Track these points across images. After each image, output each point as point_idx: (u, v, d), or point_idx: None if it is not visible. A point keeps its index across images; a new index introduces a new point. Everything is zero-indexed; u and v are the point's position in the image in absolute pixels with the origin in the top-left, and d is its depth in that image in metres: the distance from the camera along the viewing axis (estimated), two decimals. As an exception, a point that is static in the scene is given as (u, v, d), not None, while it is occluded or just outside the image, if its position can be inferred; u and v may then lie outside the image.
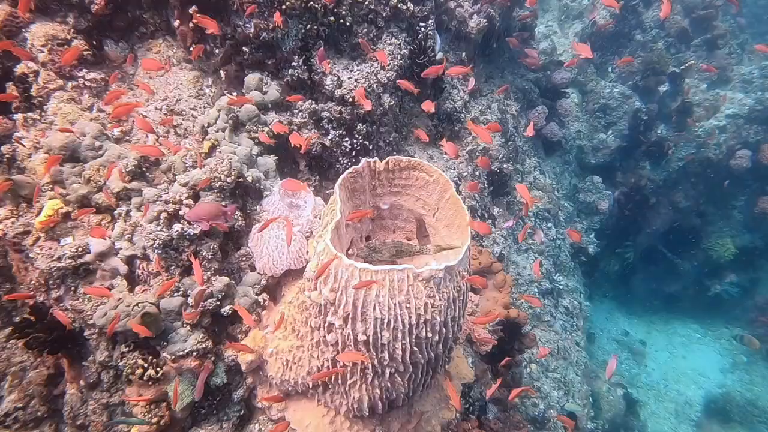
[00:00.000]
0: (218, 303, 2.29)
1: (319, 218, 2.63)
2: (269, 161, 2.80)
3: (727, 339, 9.86)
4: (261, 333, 2.41)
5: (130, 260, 2.25)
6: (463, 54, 4.17)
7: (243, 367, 2.31)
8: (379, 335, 2.02)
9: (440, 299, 2.09)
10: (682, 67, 6.76)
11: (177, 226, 2.18)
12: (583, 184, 6.87)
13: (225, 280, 2.31)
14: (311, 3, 2.88)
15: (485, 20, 4.27)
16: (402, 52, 3.31)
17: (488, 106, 4.58)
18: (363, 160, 2.27)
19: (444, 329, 2.19)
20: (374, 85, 3.22)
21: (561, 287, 5.56)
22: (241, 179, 2.49)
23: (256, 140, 2.80)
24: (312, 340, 2.24)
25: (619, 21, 6.97)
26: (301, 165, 3.18)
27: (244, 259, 2.52)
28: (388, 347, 2.08)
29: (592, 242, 6.68)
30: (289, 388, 2.36)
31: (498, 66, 5.35)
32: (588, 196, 6.77)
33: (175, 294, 2.21)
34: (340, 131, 3.18)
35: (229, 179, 2.40)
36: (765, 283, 9.73)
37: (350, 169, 2.24)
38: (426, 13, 3.40)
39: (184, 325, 2.20)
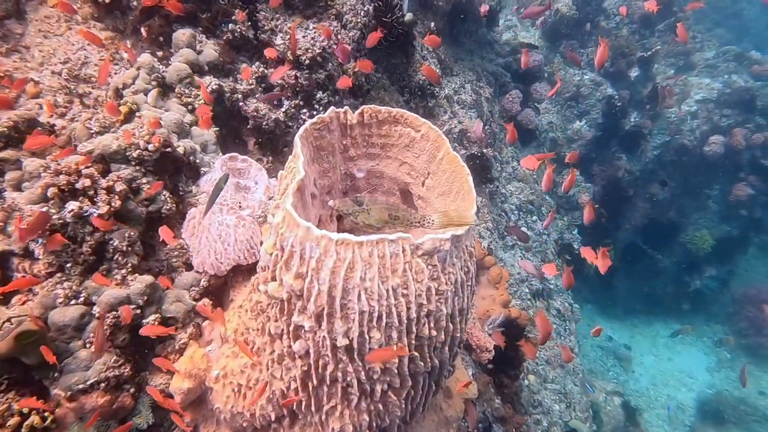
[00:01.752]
0: (138, 312, 1.68)
1: (274, 200, 2.09)
2: (208, 133, 2.24)
3: (709, 337, 9.81)
4: (202, 351, 1.81)
5: (2, 259, 1.62)
6: (432, 24, 3.76)
7: (177, 399, 1.70)
8: (366, 337, 1.48)
9: (446, 282, 1.57)
10: (649, 52, 6.66)
11: (72, 205, 1.58)
12: (561, 178, 6.59)
13: (147, 279, 1.71)
14: (252, -62, 2.39)
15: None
16: (365, 8, 2.84)
17: (461, 85, 4.18)
18: (331, 109, 1.75)
19: (451, 325, 1.67)
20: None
21: (551, 287, 5.16)
22: (168, 149, 1.91)
23: (190, 107, 2.24)
24: (272, 353, 1.67)
25: (580, 7, 6.83)
26: (249, 143, 2.64)
27: (176, 254, 1.93)
28: (380, 353, 1.54)
29: (576, 238, 6.37)
30: (244, 424, 1.77)
31: (466, 48, 5.00)
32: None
33: (72, 302, 1.59)
34: (296, 101, 2.66)
35: (150, 147, 1.82)
36: (741, 275, 9.78)
37: (314, 119, 1.72)
38: (391, -37, 2.96)
39: (87, 346, 1.58)
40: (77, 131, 1.84)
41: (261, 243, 2.00)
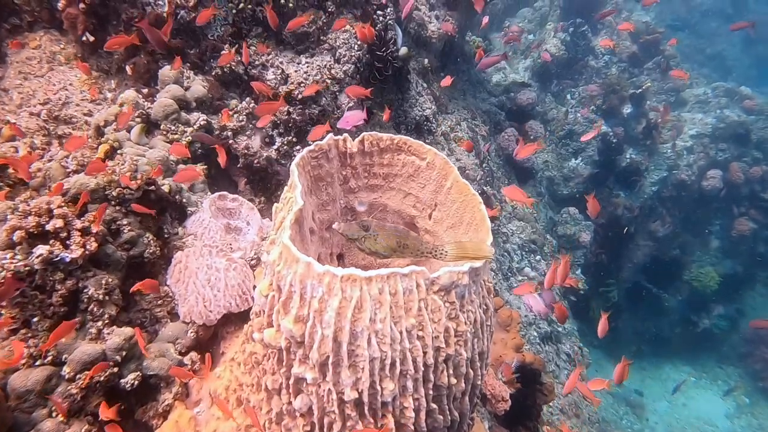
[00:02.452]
0: (116, 370, 1.49)
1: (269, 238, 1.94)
2: (197, 170, 2.11)
3: (724, 380, 9.49)
4: (189, 413, 1.60)
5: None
6: (426, 61, 3.75)
7: (159, 473, 1.48)
8: (378, 388, 1.30)
9: (466, 322, 1.41)
10: (640, 90, 6.75)
11: (41, 249, 1.41)
12: (560, 217, 6.50)
13: (126, 332, 1.52)
14: (242, -26, 2.35)
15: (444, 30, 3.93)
16: (359, 43, 2.80)
17: (457, 122, 4.14)
18: (329, 136, 1.64)
19: (471, 371, 1.50)
20: (328, 81, 2.67)
21: (560, 330, 4.96)
22: (152, 187, 1.77)
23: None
24: (270, 412, 1.47)
25: (570, 47, 6.98)
26: (240, 183, 2.51)
27: (160, 302, 1.75)
28: (393, 407, 1.36)
29: (580, 278, 6.21)
30: (238, 498, 1.54)
31: (459, 88, 5.01)
32: (567, 228, 6.38)
33: (37, 363, 1.40)
34: (289, 137, 2.56)
35: (132, 184, 1.68)
36: (750, 313, 9.59)
37: (311, 146, 1.60)
38: (383, 0, 2.95)
39: (54, 415, 1.37)
40: (53, 170, 1.70)
41: (254, 288, 1.84)
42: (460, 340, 1.41)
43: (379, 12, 2.94)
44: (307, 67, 2.62)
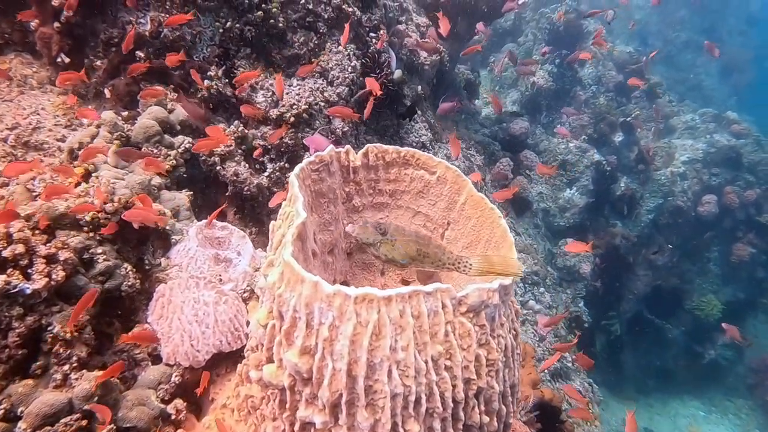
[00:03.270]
0: (85, 423, 1.26)
1: (265, 263, 1.76)
2: (180, 197, 1.94)
3: (734, 413, 9.21)
4: (173, 473, 1.37)
5: None
6: (419, 88, 3.67)
7: None
8: (400, 431, 1.10)
9: (497, 349, 1.23)
10: (630, 117, 6.80)
11: (-2, 280, 1.21)
12: (559, 249, 6.37)
13: (93, 377, 1.30)
14: (230, -9, 2.26)
15: (436, 54, 3.88)
16: (352, 64, 2.70)
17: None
18: (330, 148, 1.48)
19: (503, 406, 1.30)
20: (321, 104, 2.55)
21: (569, 366, 4.73)
22: (130, 212, 1.59)
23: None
24: (270, 468, 1.25)
25: (557, 79, 7.05)
26: (229, 213, 2.33)
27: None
28: (419, 454, 1.15)
29: (583, 311, 6.03)
30: None
31: (451, 119, 4.96)
32: (567, 260, 6.24)
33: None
34: (281, 163, 2.41)
35: (108, 207, 1.50)
36: (758, 342, 9.42)
37: (311, 158, 1.44)
38: (376, 22, 2.88)
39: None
40: (17, 194, 1.52)
41: (248, 324, 1.63)
42: (491, 371, 1.23)
43: (371, 34, 2.86)
44: (299, 89, 2.50)
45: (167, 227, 1.75)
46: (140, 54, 2.14)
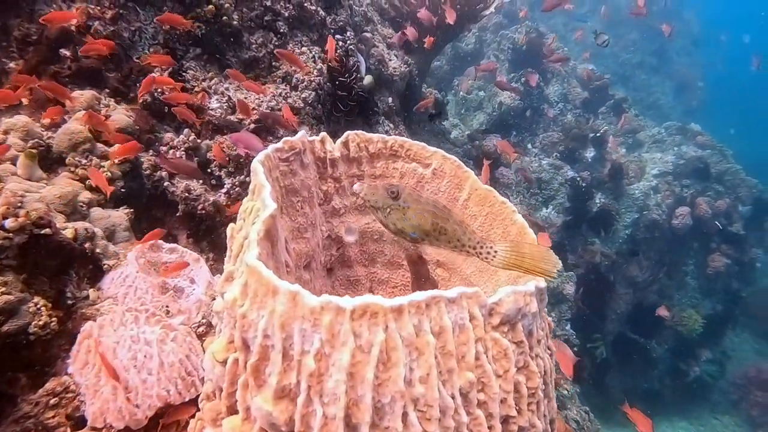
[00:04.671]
0: None
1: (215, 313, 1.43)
2: (116, 215, 1.60)
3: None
4: None
5: None
6: (390, 99, 3.45)
7: None
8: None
9: (539, 373, 0.94)
10: (599, 133, 6.79)
11: None
12: (540, 270, 6.17)
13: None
14: (174, -19, 1.98)
15: (405, 66, 3.69)
16: (318, 67, 2.45)
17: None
18: (301, 133, 1.19)
19: (547, 452, 1.01)
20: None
21: (564, 393, 4.45)
22: (45, 231, 1.24)
23: (89, 182, 1.61)
24: None
25: (524, 97, 7.02)
26: (180, 237, 1.99)
27: (55, 401, 1.16)
28: None
29: (570, 334, 5.80)
30: None
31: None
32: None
33: None
34: (242, 177, 2.09)
35: (8, 223, 1.15)
36: (736, 354, 9.40)
37: (279, 143, 1.14)
38: (341, 23, 2.65)
39: None
40: None
41: (201, 361, 1.28)
42: (532, 403, 0.94)
43: (338, 36, 2.62)
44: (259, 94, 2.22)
45: (97, 250, 1.40)
46: (66, 52, 1.82)
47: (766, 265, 9.33)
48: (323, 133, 1.28)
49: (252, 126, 2.11)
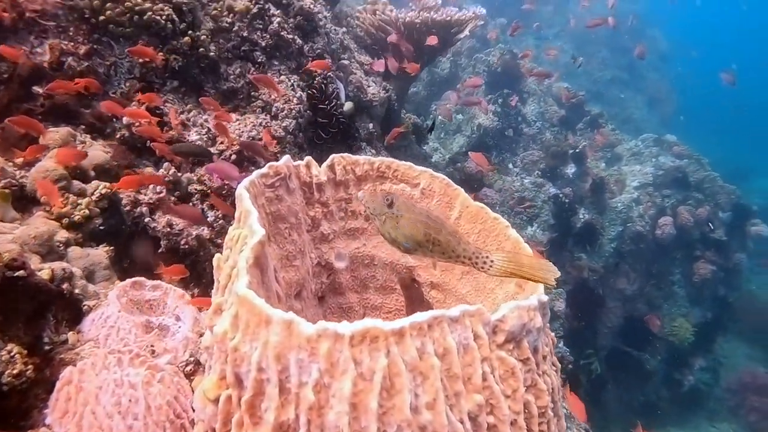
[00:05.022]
0: None
1: (204, 349, 1.37)
2: (95, 253, 1.54)
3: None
4: None
5: None
6: (370, 125, 3.45)
7: None
8: None
9: (547, 391, 0.90)
10: (578, 149, 6.90)
11: None
12: (530, 288, 6.16)
13: None
14: (150, 15, 1.96)
15: (384, 91, 3.72)
16: (298, 95, 2.44)
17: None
18: (285, 158, 1.16)
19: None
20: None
21: (565, 411, 4.37)
22: (19, 272, 1.18)
23: (66, 220, 1.56)
24: None
25: (502, 117, 7.13)
26: (164, 275, 1.93)
27: (33, 456, 1.09)
28: None
29: (564, 351, 5.75)
30: None
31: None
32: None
33: None
34: (224, 210, 2.05)
35: (-19, 267, 1.09)
36: (728, 360, 9.43)
37: (263, 169, 1.11)
38: (319, 51, 2.66)
39: None
40: None
41: (190, 402, 1.22)
42: (543, 423, 0.90)
43: (315, 63, 2.63)
44: (239, 124, 2.20)
45: (76, 290, 1.34)
46: (38, 89, 1.79)
47: (749, 270, 9.46)
48: (308, 158, 1.26)
49: (233, 156, 2.08)
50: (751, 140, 17.54)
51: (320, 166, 1.28)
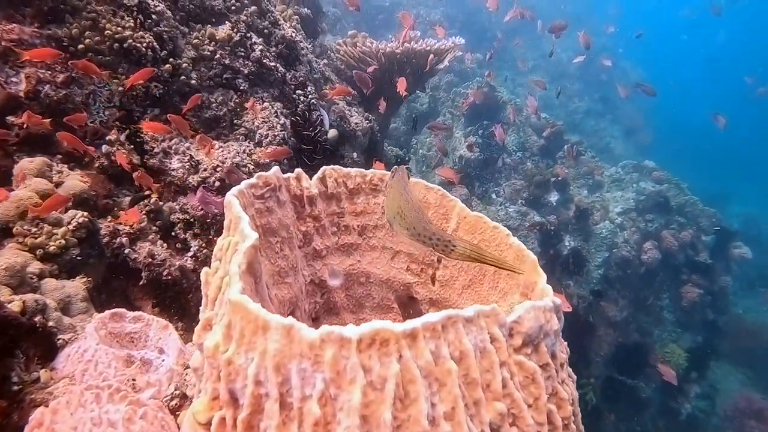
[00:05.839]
0: None
1: (190, 369, 1.28)
2: (71, 285, 1.45)
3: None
4: None
5: None
6: (354, 155, 3.43)
7: None
8: None
9: (569, 400, 0.84)
10: (560, 177, 6.98)
11: None
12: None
13: None
14: (130, 42, 1.93)
15: (366, 121, 3.72)
16: (281, 122, 2.41)
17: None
18: (275, 169, 1.11)
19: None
20: (251, 167, 2.20)
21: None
22: (-12, 304, 1.09)
23: (40, 251, 1.47)
24: None
25: (483, 149, 7.20)
26: (145, 308, 1.83)
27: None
28: None
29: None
30: None
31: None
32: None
33: None
34: (209, 237, 1.98)
35: (-55, 296, 1.00)
36: (722, 385, 9.37)
37: (252, 179, 1.05)
38: (302, 78, 2.65)
39: None
40: None
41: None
42: (568, 433, 0.83)
43: (299, 91, 2.61)
44: (222, 151, 2.15)
45: (50, 323, 1.25)
46: (13, 119, 1.72)
47: (735, 293, 9.53)
48: (298, 170, 1.21)
49: (217, 184, 2.02)
50: (722, 168, 18.09)
51: (311, 179, 1.23)
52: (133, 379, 1.23)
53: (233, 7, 2.44)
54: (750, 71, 15.91)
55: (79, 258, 1.56)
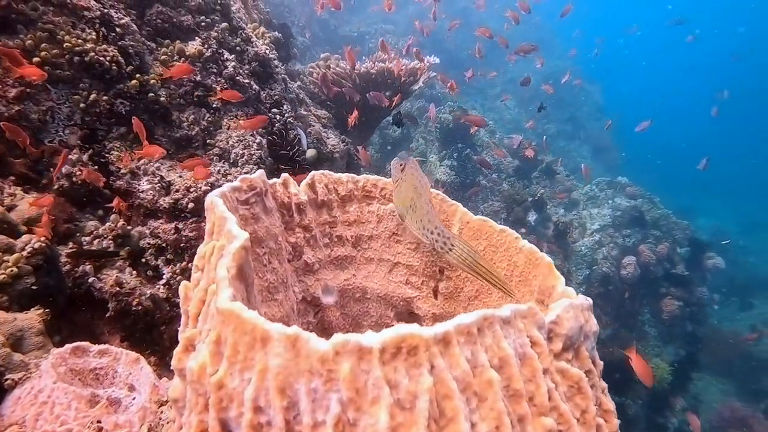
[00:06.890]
0: None
1: (166, 407, 1.14)
2: (24, 318, 1.28)
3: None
4: None
5: None
6: (334, 176, 3.33)
7: None
8: None
9: (614, 412, 0.74)
10: (537, 197, 7.01)
11: None
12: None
13: None
14: (92, 55, 1.80)
15: (343, 144, 3.64)
16: (257, 141, 2.30)
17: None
18: (260, 173, 1.00)
19: None
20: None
21: None
22: None
23: (-12, 282, 1.30)
24: None
25: (459, 172, 7.20)
26: (113, 342, 1.66)
27: None
28: None
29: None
30: None
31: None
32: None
33: None
34: (183, 263, 1.83)
35: None
36: (706, 397, 9.38)
37: (236, 182, 0.94)
38: (277, 97, 2.55)
39: None
40: None
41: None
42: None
43: (274, 110, 2.51)
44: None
45: (-1, 362, 1.08)
46: (-40, 138, 1.57)
47: (712, 304, 9.66)
48: (285, 175, 1.09)
49: (191, 205, 1.88)
50: (685, 183, 18.68)
51: (299, 185, 1.12)
52: (98, 421, 1.07)
53: (203, 23, 2.35)
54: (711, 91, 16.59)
55: (34, 287, 1.39)
